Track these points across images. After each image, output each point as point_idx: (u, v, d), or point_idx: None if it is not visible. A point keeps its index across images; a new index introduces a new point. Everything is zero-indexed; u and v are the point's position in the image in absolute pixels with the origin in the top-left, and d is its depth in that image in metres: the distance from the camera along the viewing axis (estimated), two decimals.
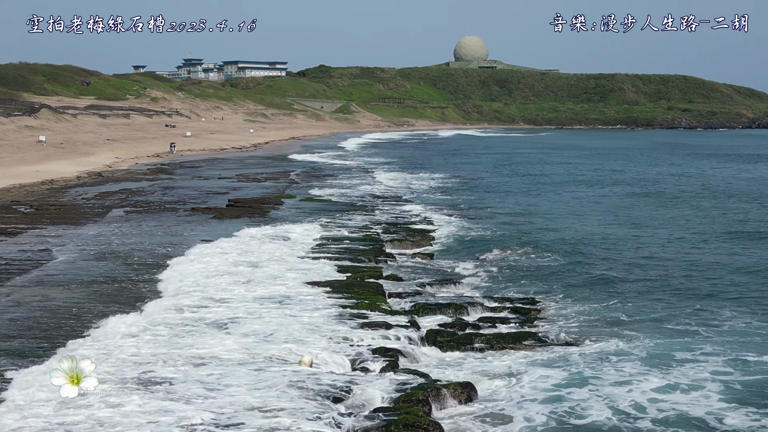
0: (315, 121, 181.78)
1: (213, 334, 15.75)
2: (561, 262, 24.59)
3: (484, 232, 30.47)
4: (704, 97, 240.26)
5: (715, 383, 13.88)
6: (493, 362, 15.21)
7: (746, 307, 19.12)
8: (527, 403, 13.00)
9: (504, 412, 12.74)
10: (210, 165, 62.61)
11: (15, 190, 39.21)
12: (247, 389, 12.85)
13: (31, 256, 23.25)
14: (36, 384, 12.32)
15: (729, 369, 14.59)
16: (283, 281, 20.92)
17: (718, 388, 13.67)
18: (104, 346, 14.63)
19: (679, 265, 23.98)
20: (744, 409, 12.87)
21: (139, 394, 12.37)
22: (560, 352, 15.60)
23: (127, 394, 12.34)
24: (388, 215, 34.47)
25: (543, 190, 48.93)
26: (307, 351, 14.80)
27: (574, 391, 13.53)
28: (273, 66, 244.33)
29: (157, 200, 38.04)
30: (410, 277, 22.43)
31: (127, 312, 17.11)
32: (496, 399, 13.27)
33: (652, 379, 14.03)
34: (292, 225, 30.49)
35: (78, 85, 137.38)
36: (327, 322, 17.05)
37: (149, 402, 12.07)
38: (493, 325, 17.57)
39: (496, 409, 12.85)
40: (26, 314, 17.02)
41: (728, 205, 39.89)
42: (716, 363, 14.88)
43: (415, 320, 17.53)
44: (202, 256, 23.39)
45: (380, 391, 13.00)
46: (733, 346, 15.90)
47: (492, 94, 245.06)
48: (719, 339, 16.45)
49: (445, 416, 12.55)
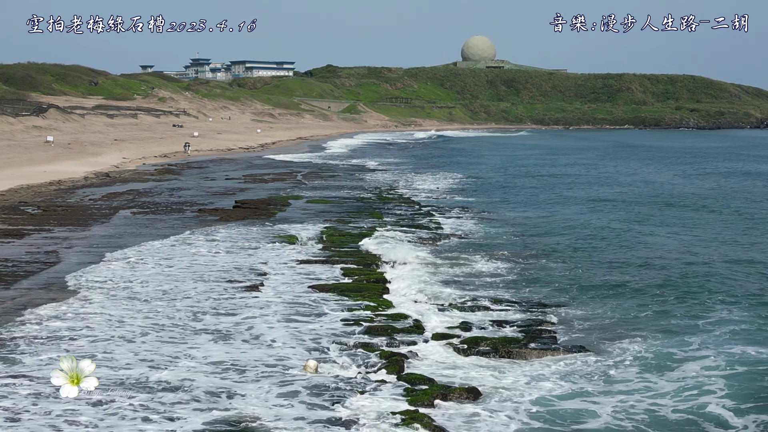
0: (322, 121, 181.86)
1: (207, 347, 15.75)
2: (566, 264, 24.53)
3: (491, 232, 30.41)
4: (712, 97, 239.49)
5: (719, 386, 13.84)
6: (498, 366, 15.17)
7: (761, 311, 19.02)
8: (532, 408, 12.97)
9: (509, 416, 12.71)
10: (217, 165, 62.71)
11: (22, 191, 39.35)
12: (252, 399, 12.86)
13: (38, 258, 23.33)
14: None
15: (736, 369, 14.54)
16: (289, 284, 20.96)
17: (724, 392, 13.63)
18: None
19: (689, 268, 23.88)
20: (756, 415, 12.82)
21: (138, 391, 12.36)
22: (567, 357, 15.56)
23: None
24: (395, 216, 34.43)
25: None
26: (312, 356, 14.83)
27: (579, 396, 13.50)
28: (280, 66, 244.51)
29: (164, 201, 38.12)
30: (416, 279, 22.39)
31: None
32: (501, 402, 13.23)
33: (662, 384, 14.00)
34: (298, 225, 30.56)
35: (86, 85, 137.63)
36: (331, 327, 17.06)
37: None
38: (498, 329, 17.51)
39: (501, 414, 12.81)
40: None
41: (741, 207, 39.74)
42: (721, 366, 14.83)
43: (420, 323, 17.52)
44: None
45: (385, 396, 13.00)
46: (744, 348, 15.83)
47: (499, 94, 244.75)
48: (727, 343, 16.39)
49: (449, 421, 12.53)
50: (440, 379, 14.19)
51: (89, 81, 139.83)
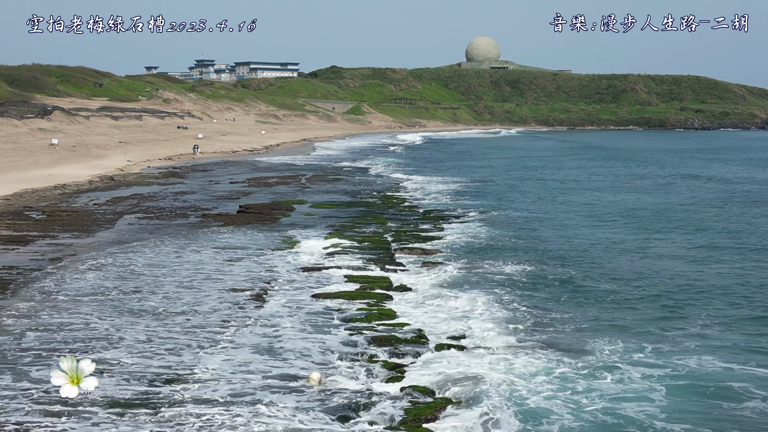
0: (326, 122, 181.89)
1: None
2: (566, 270, 24.51)
3: (493, 238, 30.37)
4: (717, 98, 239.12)
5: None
6: (499, 373, 15.13)
7: (756, 320, 19.03)
8: (535, 415, 12.99)
9: (509, 423, 12.72)
10: (221, 168, 62.79)
11: (27, 195, 39.46)
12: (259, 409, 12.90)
13: (42, 265, 23.40)
14: None
15: (719, 376, 14.56)
16: (293, 292, 21.01)
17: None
18: None
19: (689, 276, 23.88)
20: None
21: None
22: (567, 362, 15.53)
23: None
24: (399, 221, 34.43)
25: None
26: (317, 368, 14.87)
27: (578, 403, 13.52)
28: (285, 67, 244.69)
29: (168, 206, 38.17)
30: (419, 286, 22.38)
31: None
32: (500, 410, 13.22)
33: (656, 391, 14.02)
34: (302, 231, 30.64)
35: (90, 86, 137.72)
36: (335, 337, 17.10)
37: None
38: (498, 336, 17.49)
39: (501, 422, 12.79)
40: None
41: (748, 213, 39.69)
42: (710, 373, 14.85)
43: (423, 333, 17.52)
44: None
45: (387, 409, 13.03)
46: (740, 358, 15.84)
47: (504, 95, 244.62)
48: (729, 352, 16.39)
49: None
50: (442, 389, 14.18)
51: (94, 82, 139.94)
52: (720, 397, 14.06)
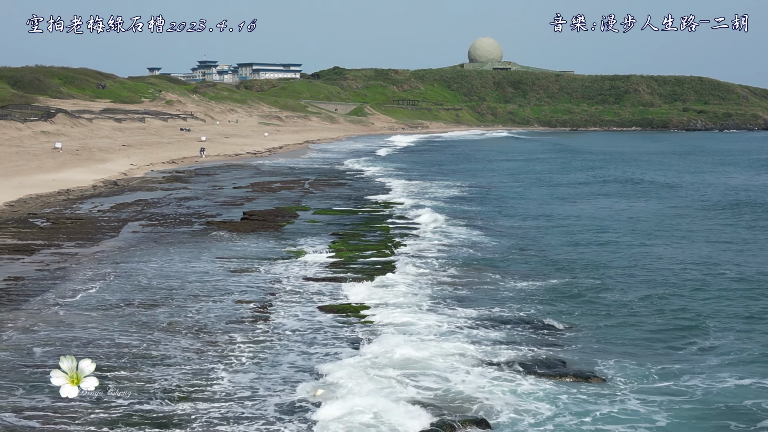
0: (329, 123, 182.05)
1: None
2: (570, 279, 24.55)
3: (496, 245, 30.42)
4: (720, 99, 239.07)
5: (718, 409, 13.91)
6: (505, 391, 15.18)
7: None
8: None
9: None
10: (225, 172, 62.86)
11: (32, 201, 39.55)
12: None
13: (47, 275, 23.49)
14: None
15: (735, 393, 14.60)
16: (297, 305, 21.07)
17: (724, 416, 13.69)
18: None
19: (695, 285, 23.90)
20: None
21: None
22: (572, 381, 15.59)
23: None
24: (402, 229, 34.45)
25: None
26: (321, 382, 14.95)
27: (584, 424, 13.57)
28: (287, 68, 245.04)
29: (172, 212, 38.23)
30: (423, 296, 22.40)
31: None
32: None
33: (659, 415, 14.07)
34: (306, 239, 30.73)
35: (93, 88, 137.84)
36: (340, 350, 17.16)
37: None
38: (504, 350, 17.55)
39: None
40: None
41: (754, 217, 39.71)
42: (717, 390, 14.88)
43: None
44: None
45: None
46: (751, 374, 15.87)
47: (506, 96, 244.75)
48: (735, 366, 16.42)
49: None
50: (448, 406, 14.24)
51: (97, 84, 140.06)
52: (732, 416, 14.05)
